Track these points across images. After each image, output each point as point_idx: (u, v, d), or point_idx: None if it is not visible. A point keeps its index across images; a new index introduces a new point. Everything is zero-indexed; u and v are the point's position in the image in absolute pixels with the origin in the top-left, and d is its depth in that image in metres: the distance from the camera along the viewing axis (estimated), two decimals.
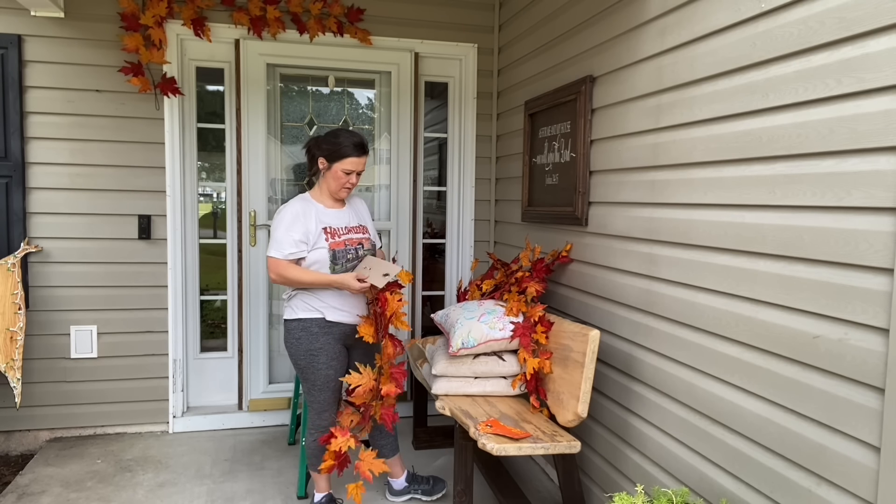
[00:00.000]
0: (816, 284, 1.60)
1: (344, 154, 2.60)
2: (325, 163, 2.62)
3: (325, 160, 2.62)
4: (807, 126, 1.63)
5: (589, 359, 2.39)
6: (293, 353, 2.66)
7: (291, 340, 2.65)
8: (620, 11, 2.49)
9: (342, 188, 2.66)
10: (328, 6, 3.68)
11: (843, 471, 1.52)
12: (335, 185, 2.65)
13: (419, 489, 2.98)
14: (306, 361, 2.63)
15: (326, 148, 2.61)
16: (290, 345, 2.66)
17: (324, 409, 2.69)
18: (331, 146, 2.61)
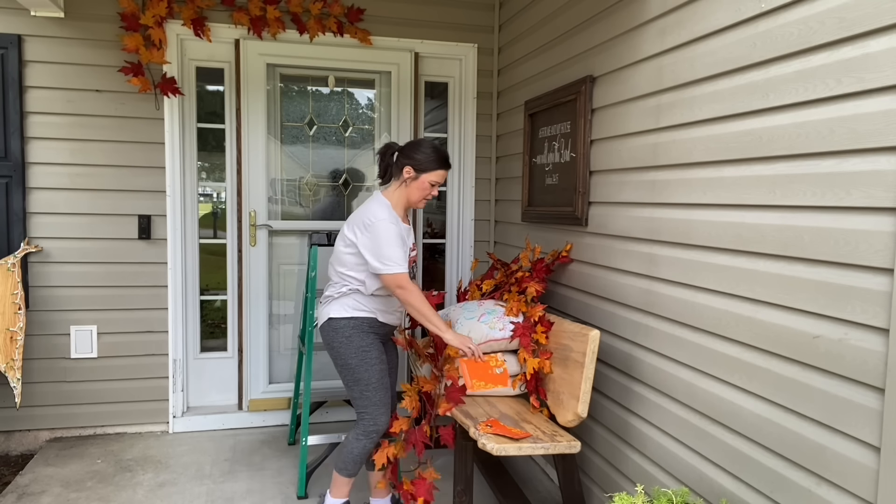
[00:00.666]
0: (816, 284, 1.60)
1: (434, 166, 2.54)
2: (413, 172, 2.52)
3: (413, 170, 2.52)
4: (807, 126, 1.63)
5: (589, 359, 2.39)
6: (343, 352, 2.51)
7: (341, 339, 2.51)
8: (620, 11, 2.49)
9: (423, 199, 2.58)
10: (328, 6, 3.68)
11: (843, 471, 1.52)
12: (418, 196, 2.56)
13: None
14: (359, 359, 2.50)
15: (418, 158, 2.52)
16: (338, 343, 2.51)
17: (381, 409, 2.53)
18: (423, 156, 2.52)
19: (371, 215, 2.47)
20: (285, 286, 3.93)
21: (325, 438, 3.08)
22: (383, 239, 2.43)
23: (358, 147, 4.00)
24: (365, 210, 2.52)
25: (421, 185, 2.55)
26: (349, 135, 3.98)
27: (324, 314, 2.59)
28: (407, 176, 2.53)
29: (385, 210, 2.50)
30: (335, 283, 2.59)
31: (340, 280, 2.56)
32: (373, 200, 2.55)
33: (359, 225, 2.49)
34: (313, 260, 3.11)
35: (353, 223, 2.53)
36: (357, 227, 2.49)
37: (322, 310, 2.61)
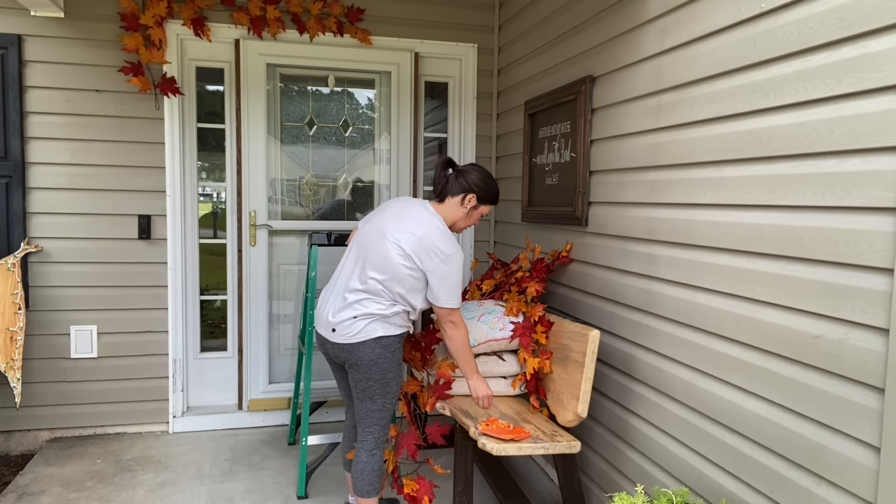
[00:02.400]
0: (816, 284, 1.60)
1: (493, 201, 2.53)
2: (475, 202, 2.47)
3: (478, 199, 2.47)
4: (807, 126, 1.63)
5: (589, 359, 2.39)
6: (387, 368, 2.39)
7: (388, 355, 2.37)
8: (620, 11, 2.49)
9: (467, 227, 2.61)
10: (328, 6, 3.68)
11: (843, 471, 1.52)
12: (466, 224, 2.52)
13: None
14: (395, 373, 2.42)
15: (485, 188, 2.47)
16: (385, 360, 2.37)
17: (390, 421, 2.50)
18: (489, 188, 2.49)
19: (443, 244, 2.33)
20: (285, 286, 3.93)
21: (325, 438, 3.08)
22: (457, 273, 2.35)
23: (358, 147, 4.00)
24: (429, 230, 2.34)
25: (476, 215, 2.52)
26: (349, 135, 3.98)
27: (369, 331, 2.35)
28: (468, 204, 2.46)
29: (451, 237, 2.38)
30: (382, 300, 2.36)
31: (392, 298, 2.36)
32: (432, 217, 2.39)
33: (428, 251, 2.32)
34: (313, 260, 3.11)
35: (417, 245, 2.32)
36: (426, 253, 2.31)
37: (362, 324, 2.35)
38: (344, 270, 2.46)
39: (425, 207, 2.44)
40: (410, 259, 2.31)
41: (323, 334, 2.44)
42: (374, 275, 2.34)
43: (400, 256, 2.31)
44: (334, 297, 2.43)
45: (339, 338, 2.37)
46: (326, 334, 2.42)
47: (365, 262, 2.37)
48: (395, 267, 2.32)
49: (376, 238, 2.37)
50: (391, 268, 2.32)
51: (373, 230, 2.40)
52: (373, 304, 2.35)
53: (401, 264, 2.31)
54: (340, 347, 2.38)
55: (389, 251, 2.32)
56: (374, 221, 2.44)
